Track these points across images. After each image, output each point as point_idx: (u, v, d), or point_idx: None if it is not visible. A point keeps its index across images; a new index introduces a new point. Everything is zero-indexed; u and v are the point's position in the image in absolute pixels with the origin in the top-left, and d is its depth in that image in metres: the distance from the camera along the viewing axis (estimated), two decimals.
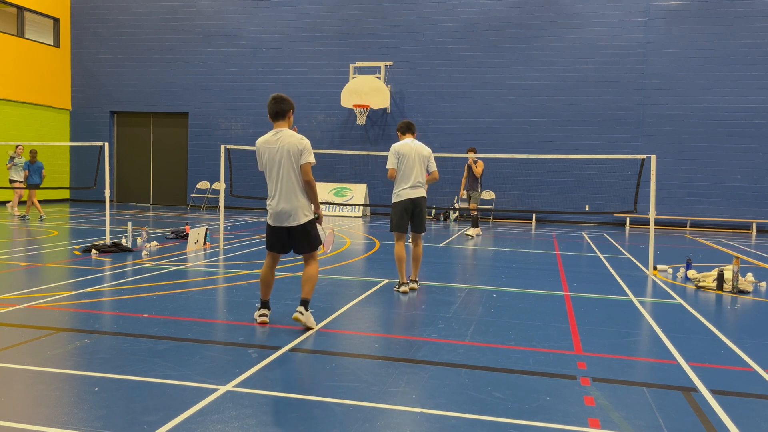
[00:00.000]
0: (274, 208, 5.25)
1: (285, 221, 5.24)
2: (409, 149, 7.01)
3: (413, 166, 6.97)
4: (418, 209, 7.01)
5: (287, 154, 5.18)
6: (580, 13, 18.44)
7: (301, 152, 5.20)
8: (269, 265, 5.46)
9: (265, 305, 5.50)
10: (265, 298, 5.51)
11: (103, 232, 10.81)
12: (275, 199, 5.25)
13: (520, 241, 13.25)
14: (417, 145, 7.11)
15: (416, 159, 7.00)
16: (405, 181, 6.97)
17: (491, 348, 4.89)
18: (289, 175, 5.20)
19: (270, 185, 5.30)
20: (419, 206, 7.02)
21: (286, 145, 5.19)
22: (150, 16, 21.79)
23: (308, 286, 5.34)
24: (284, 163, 5.19)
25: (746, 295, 7.44)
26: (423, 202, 7.06)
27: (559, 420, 3.45)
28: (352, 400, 3.66)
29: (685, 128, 17.86)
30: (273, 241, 5.38)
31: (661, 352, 4.93)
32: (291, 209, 5.21)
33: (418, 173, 7.01)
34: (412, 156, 6.99)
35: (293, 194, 5.21)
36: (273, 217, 5.29)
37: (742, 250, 12.43)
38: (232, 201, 19.79)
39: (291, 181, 5.20)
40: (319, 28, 20.31)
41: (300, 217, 5.23)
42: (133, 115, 22.47)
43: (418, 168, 7.01)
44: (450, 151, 18.15)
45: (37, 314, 5.61)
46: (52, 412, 3.42)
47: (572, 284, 7.90)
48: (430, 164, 7.20)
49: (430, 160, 7.19)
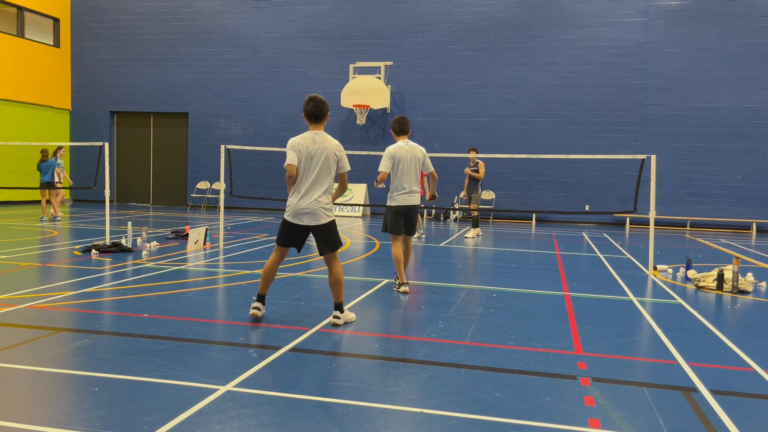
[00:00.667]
0: (297, 205, 5.29)
1: (306, 220, 5.29)
2: (405, 153, 7.00)
3: (409, 170, 6.99)
4: (411, 213, 7.07)
5: (326, 158, 5.29)
6: (580, 13, 18.44)
7: (340, 159, 5.39)
8: (276, 260, 5.51)
9: (261, 299, 5.54)
10: (263, 292, 5.56)
11: (103, 232, 10.81)
12: (302, 197, 5.28)
13: (520, 241, 13.26)
14: (412, 147, 7.10)
15: (412, 162, 7.02)
16: (401, 186, 6.98)
17: (491, 348, 4.89)
18: (324, 176, 5.30)
19: (299, 182, 5.32)
20: (413, 211, 7.09)
21: (328, 149, 5.32)
22: (150, 16, 21.79)
23: (337, 289, 5.44)
24: (322, 165, 5.28)
25: (746, 295, 7.44)
26: (417, 208, 7.12)
27: (559, 420, 3.45)
28: (352, 400, 3.66)
29: (685, 128, 17.87)
30: (287, 237, 5.41)
31: (661, 352, 4.93)
32: (315, 209, 5.27)
33: (414, 179, 7.03)
34: (407, 160, 6.98)
35: (320, 194, 5.29)
36: (293, 214, 5.32)
37: (742, 250, 12.43)
38: (232, 201, 19.78)
39: (323, 182, 5.30)
40: (319, 28, 20.31)
41: (322, 217, 5.30)
42: (133, 115, 22.47)
43: (414, 172, 7.04)
44: (450, 151, 18.15)
45: (37, 314, 5.61)
46: (52, 412, 3.42)
47: (572, 284, 7.90)
48: (425, 165, 7.19)
49: (425, 161, 7.19)
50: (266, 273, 5.51)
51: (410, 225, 7.11)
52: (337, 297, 5.43)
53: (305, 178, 5.29)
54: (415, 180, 7.06)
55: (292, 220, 5.33)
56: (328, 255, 5.43)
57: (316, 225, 5.29)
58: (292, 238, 5.42)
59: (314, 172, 5.27)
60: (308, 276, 7.90)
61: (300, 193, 5.29)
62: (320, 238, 5.34)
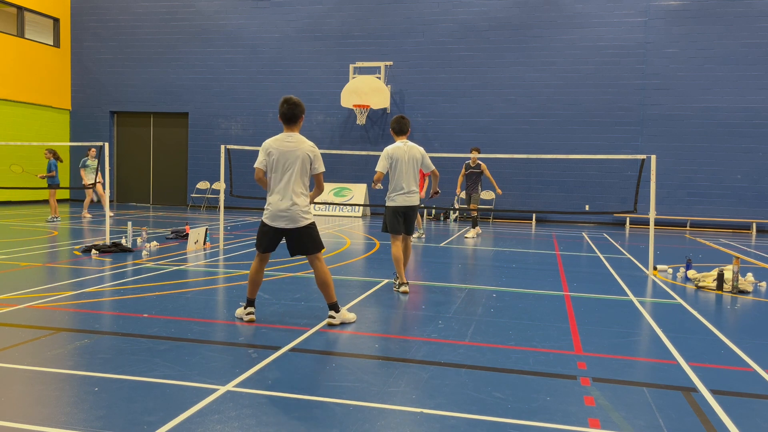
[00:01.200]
0: (275, 207, 5.28)
1: (283, 223, 5.28)
2: (403, 153, 6.97)
3: (407, 170, 6.95)
4: (410, 213, 7.04)
5: (301, 160, 5.28)
6: (580, 13, 18.44)
7: (314, 160, 5.34)
8: (259, 265, 5.49)
9: (251, 303, 5.54)
10: (252, 297, 5.55)
11: (103, 232, 10.81)
12: (279, 199, 5.27)
13: (520, 241, 13.25)
14: (411, 147, 7.05)
15: (410, 163, 6.97)
16: (400, 186, 6.95)
17: (491, 348, 4.89)
18: (298, 178, 5.29)
19: (274, 185, 5.32)
20: (412, 211, 7.06)
21: (301, 150, 5.29)
22: (150, 16, 21.79)
23: (326, 290, 5.42)
24: (297, 167, 5.27)
25: (746, 295, 7.44)
26: (416, 208, 7.08)
27: (559, 420, 3.45)
28: (352, 400, 3.66)
29: (685, 128, 17.86)
30: (266, 241, 5.40)
31: (661, 352, 4.93)
32: (293, 213, 5.26)
33: (412, 179, 6.99)
34: (405, 160, 6.95)
35: (296, 197, 5.27)
36: (272, 217, 5.31)
37: (742, 250, 12.43)
38: (232, 201, 19.79)
39: (299, 184, 5.29)
40: (319, 28, 20.31)
41: (300, 220, 5.28)
42: (133, 115, 22.47)
43: (412, 173, 7.00)
44: (450, 151, 18.16)
45: (37, 314, 5.61)
46: (52, 412, 3.42)
47: (572, 284, 7.90)
48: (424, 164, 7.13)
49: (425, 161, 7.12)
50: (253, 279, 5.49)
51: (409, 225, 7.10)
52: (328, 298, 5.43)
53: (279, 179, 5.28)
54: (413, 180, 7.03)
55: (270, 223, 5.32)
56: (311, 257, 5.41)
57: (294, 228, 5.29)
58: (270, 242, 5.40)
59: (288, 173, 5.26)
60: (308, 276, 7.90)
61: (276, 194, 5.29)
62: (299, 241, 5.34)
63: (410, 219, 7.07)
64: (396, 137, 7.14)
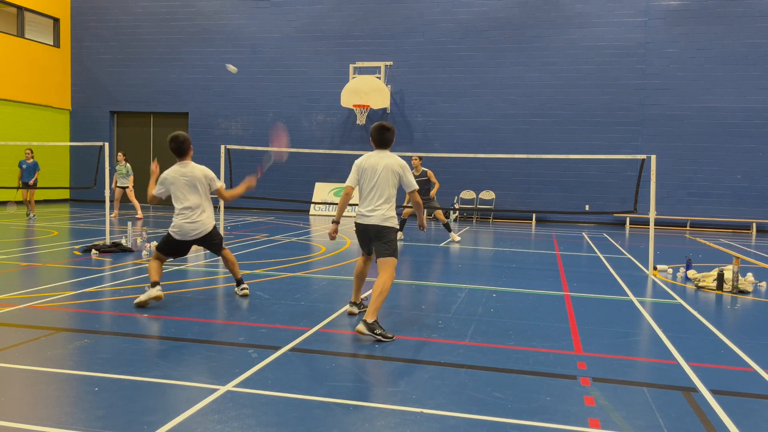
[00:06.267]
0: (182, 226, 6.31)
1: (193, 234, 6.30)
2: (372, 164, 5.48)
3: (375, 185, 5.43)
4: (375, 235, 5.42)
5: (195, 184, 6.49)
6: (580, 13, 18.44)
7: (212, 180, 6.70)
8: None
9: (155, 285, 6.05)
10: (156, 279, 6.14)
11: (103, 232, 10.81)
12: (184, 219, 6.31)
13: (520, 241, 13.25)
14: (385, 159, 5.48)
15: (381, 177, 5.43)
16: (362, 202, 5.54)
17: (491, 348, 4.89)
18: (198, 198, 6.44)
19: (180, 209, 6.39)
20: (377, 232, 5.40)
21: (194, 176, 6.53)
22: (150, 16, 21.78)
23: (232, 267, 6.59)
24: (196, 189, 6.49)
25: (746, 295, 7.44)
26: (383, 230, 5.37)
27: (559, 420, 3.45)
28: (352, 400, 3.66)
29: (685, 128, 17.86)
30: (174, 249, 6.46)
31: (661, 352, 4.93)
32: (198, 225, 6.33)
33: (378, 195, 5.42)
34: (373, 172, 5.45)
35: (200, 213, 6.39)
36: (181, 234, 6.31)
37: (742, 250, 12.43)
38: (232, 201, 19.76)
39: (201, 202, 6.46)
40: (319, 28, 20.31)
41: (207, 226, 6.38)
42: (133, 115, 22.46)
43: (382, 188, 5.42)
44: (450, 151, 18.15)
45: (37, 314, 5.61)
46: (52, 412, 3.42)
47: (572, 284, 7.90)
48: (404, 182, 5.50)
49: (404, 178, 5.49)
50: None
51: (377, 246, 5.43)
52: (235, 274, 6.58)
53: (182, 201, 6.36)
54: (379, 196, 5.42)
55: (180, 238, 6.31)
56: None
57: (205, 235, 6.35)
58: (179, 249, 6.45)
59: (188, 196, 6.37)
60: (308, 276, 7.90)
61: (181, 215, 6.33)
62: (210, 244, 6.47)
63: (377, 241, 5.42)
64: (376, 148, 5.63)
